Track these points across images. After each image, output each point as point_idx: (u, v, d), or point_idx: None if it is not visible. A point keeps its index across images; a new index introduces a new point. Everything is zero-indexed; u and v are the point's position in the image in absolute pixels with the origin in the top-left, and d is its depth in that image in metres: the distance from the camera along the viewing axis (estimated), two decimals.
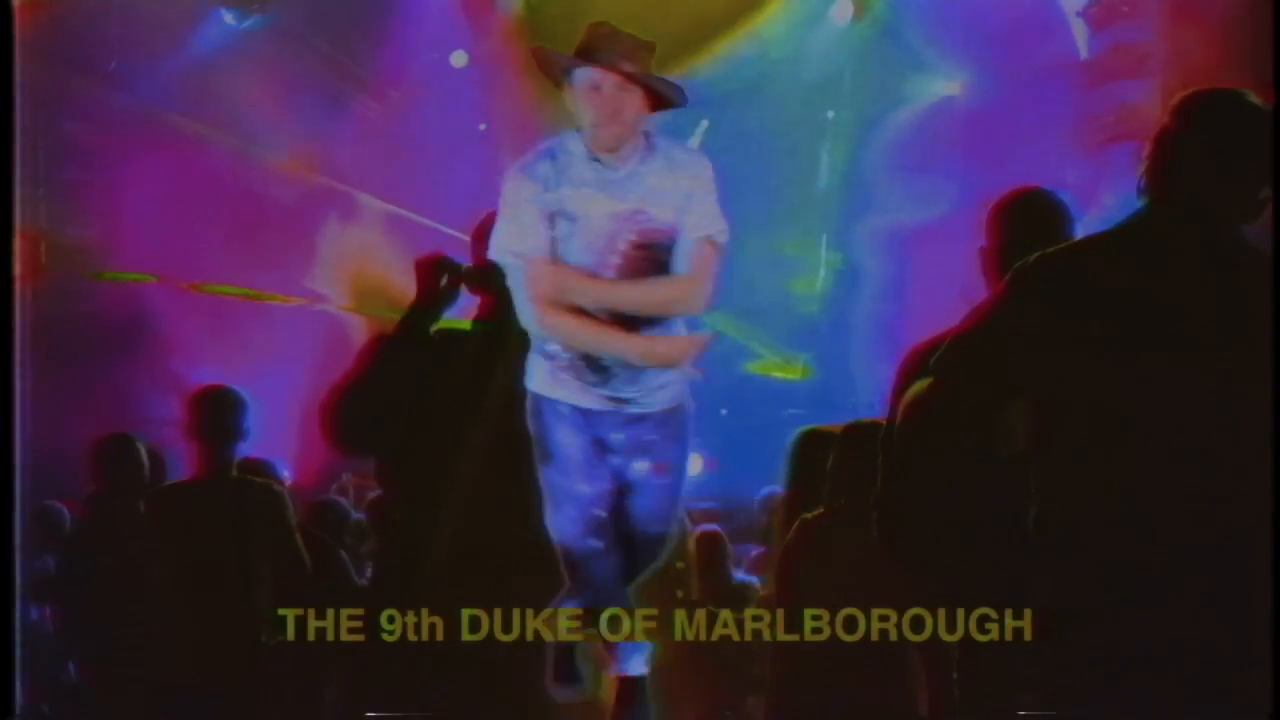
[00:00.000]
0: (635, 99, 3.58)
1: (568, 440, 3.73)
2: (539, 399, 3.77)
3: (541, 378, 3.75)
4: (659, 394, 3.73)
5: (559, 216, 3.61)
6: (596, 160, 3.61)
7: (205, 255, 10.41)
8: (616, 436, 3.75)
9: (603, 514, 3.78)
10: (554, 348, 3.70)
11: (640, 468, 3.79)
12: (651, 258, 3.65)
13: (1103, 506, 2.63)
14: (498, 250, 3.65)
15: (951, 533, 3.49)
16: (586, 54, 3.59)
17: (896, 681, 4.32)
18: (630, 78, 3.56)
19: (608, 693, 4.31)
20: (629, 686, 3.89)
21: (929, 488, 3.48)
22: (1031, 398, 2.73)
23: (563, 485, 3.75)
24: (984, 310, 2.77)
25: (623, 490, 3.81)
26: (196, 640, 4.92)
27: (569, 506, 3.76)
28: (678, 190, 3.66)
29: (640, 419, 3.74)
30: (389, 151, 11.71)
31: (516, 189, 3.64)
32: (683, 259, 3.67)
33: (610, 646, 3.87)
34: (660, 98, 3.62)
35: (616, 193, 3.62)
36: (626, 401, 3.71)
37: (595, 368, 3.67)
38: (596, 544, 3.77)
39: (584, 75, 3.58)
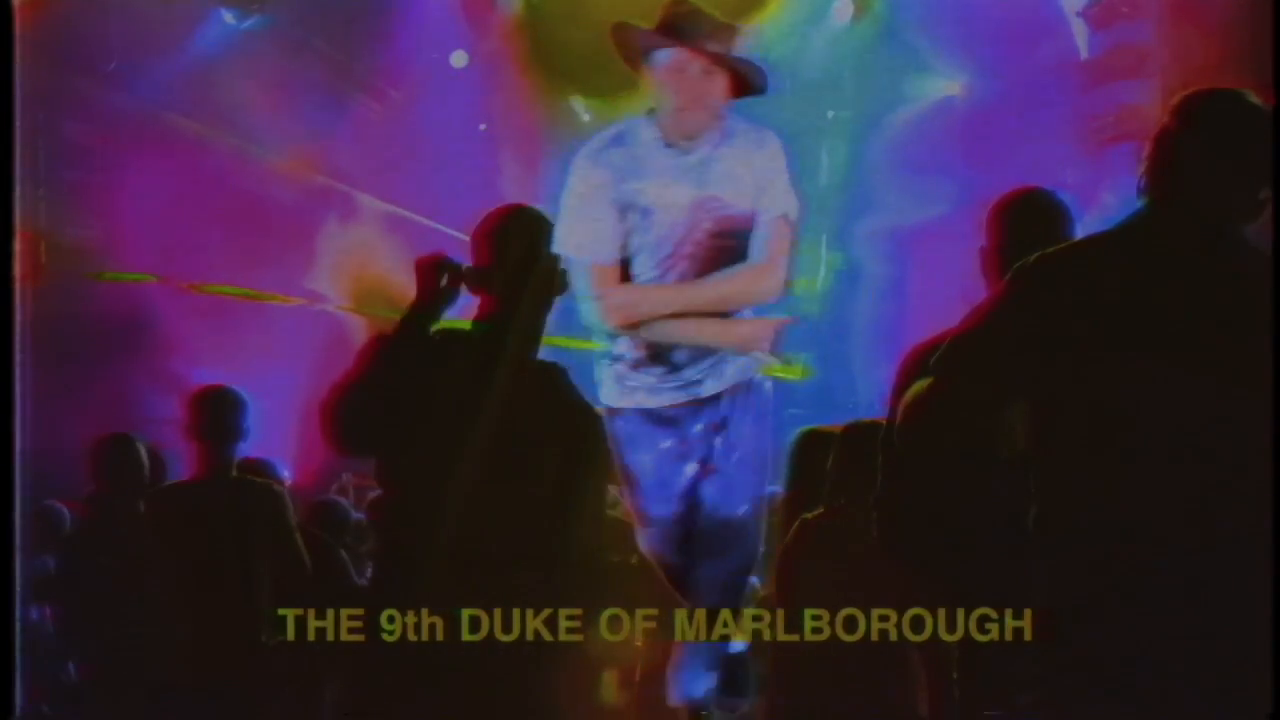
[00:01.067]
0: (720, 82, 3.39)
1: (641, 460, 3.66)
2: (613, 416, 3.68)
3: (610, 388, 3.66)
4: (726, 369, 3.61)
5: (630, 210, 3.45)
6: (670, 146, 3.43)
7: (205, 255, 10.40)
8: (696, 429, 3.64)
9: (681, 530, 3.70)
10: (621, 348, 3.60)
11: (719, 444, 3.67)
12: (726, 245, 3.52)
13: (1103, 506, 2.63)
14: (565, 246, 3.47)
15: (951, 533, 3.49)
16: (669, 33, 3.38)
17: (896, 681, 4.32)
18: (716, 59, 3.37)
19: (609, 693, 4.32)
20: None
21: (929, 488, 3.49)
22: (1031, 398, 2.73)
23: (642, 509, 3.72)
24: (984, 310, 2.77)
25: (706, 474, 3.70)
26: (196, 640, 4.91)
27: (653, 528, 3.73)
28: (752, 172, 3.51)
29: (714, 400, 3.62)
30: (389, 151, 11.71)
31: (585, 178, 3.46)
32: (759, 242, 3.53)
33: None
34: (744, 81, 3.44)
35: (693, 179, 3.45)
36: (698, 383, 3.60)
37: (662, 360, 3.56)
38: (683, 558, 3.71)
39: (665, 56, 3.38)
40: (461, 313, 4.17)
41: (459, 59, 12.15)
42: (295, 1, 10.99)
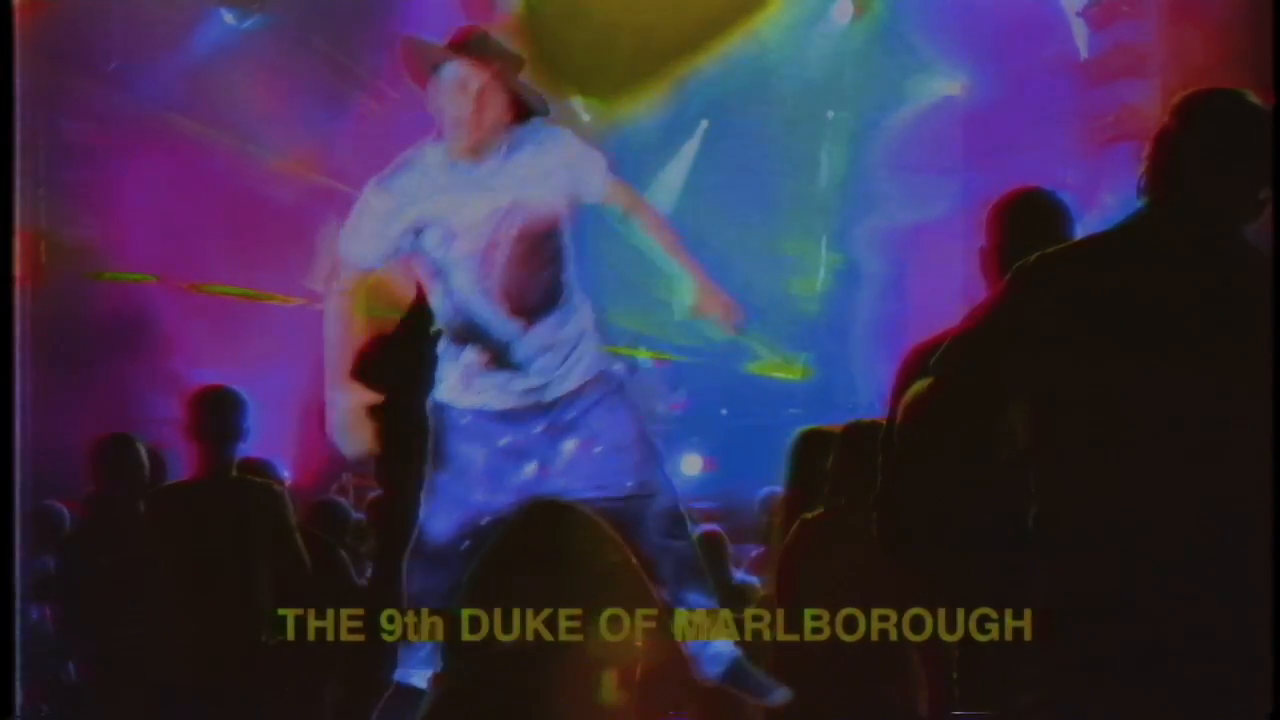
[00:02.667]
0: (499, 103, 3.57)
1: (468, 449, 3.72)
2: (441, 408, 3.77)
3: (452, 387, 3.75)
4: (572, 373, 3.72)
5: (427, 228, 3.61)
6: (456, 164, 3.60)
7: (205, 255, 10.39)
8: (536, 431, 3.71)
9: (487, 521, 3.75)
10: (468, 357, 3.70)
11: (569, 447, 3.74)
12: (536, 246, 3.64)
13: (1103, 506, 2.63)
14: (344, 251, 3.69)
15: (951, 533, 3.50)
16: (456, 49, 3.58)
17: (896, 681, 4.32)
18: (497, 76, 3.55)
19: (609, 694, 4.31)
20: None
21: (929, 488, 3.49)
22: (1031, 397, 2.73)
23: (454, 492, 3.73)
24: (984, 310, 2.77)
25: (569, 474, 3.76)
26: (196, 640, 4.91)
27: (455, 511, 3.73)
28: (554, 170, 3.65)
29: (555, 403, 3.71)
30: (389, 151, 11.69)
31: (370, 198, 3.66)
32: (568, 241, 3.69)
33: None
34: (525, 107, 3.62)
35: (487, 189, 3.60)
36: (542, 388, 3.69)
37: (506, 364, 3.67)
38: (467, 544, 3.75)
39: (452, 72, 3.56)
40: None
41: None
42: (295, 1, 10.98)
